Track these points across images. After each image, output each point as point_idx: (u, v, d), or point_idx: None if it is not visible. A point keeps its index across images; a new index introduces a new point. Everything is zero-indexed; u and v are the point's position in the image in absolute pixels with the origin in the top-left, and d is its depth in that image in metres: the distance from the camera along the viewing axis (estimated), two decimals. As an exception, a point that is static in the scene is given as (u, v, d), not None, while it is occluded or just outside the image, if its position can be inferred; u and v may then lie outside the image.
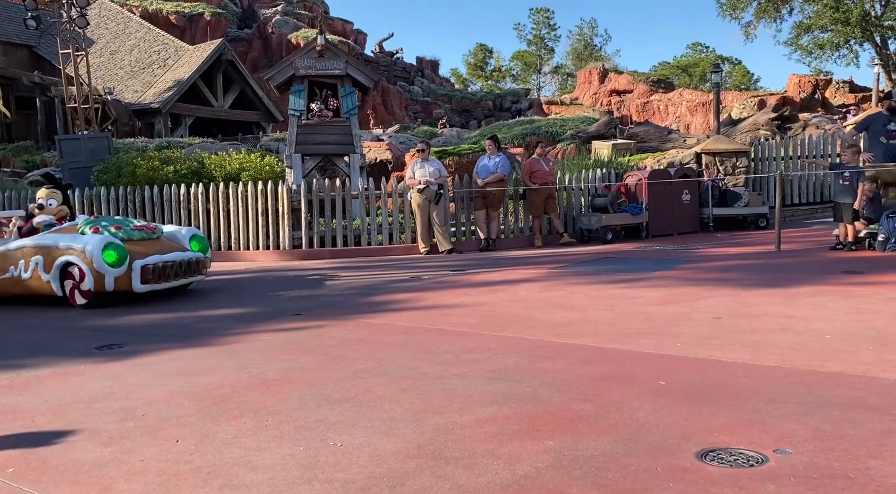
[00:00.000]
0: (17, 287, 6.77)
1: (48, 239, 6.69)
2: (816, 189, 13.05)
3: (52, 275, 6.51)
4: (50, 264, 6.50)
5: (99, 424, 3.16)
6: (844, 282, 6.09)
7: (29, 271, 6.61)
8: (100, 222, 6.82)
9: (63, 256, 6.43)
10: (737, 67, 60.46)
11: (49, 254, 6.53)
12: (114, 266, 6.29)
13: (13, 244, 6.85)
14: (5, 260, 6.81)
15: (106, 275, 6.28)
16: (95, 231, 6.55)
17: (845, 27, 25.70)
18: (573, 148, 16.85)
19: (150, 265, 6.51)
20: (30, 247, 6.69)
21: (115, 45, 28.52)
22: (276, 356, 4.43)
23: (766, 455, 2.45)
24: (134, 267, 6.41)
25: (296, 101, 11.90)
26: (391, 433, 2.86)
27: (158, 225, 7.46)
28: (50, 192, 7.59)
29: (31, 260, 6.61)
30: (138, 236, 6.82)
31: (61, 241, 6.55)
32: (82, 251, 6.32)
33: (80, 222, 6.93)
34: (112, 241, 6.40)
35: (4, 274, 6.80)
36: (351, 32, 39.15)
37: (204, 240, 7.34)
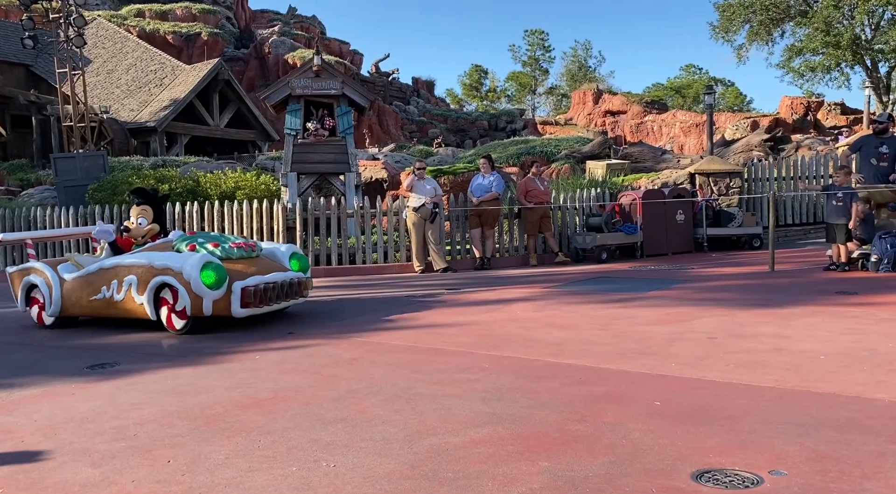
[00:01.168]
0: (108, 309, 6.19)
1: (142, 257, 6.04)
2: (809, 210, 13.13)
3: (147, 297, 5.86)
4: (144, 284, 5.89)
5: (90, 444, 3.12)
6: (838, 302, 6.10)
7: (122, 293, 6.01)
8: (196, 238, 6.21)
9: (158, 276, 5.81)
10: (730, 88, 61.10)
11: (143, 274, 5.92)
12: (212, 288, 5.64)
13: (107, 263, 6.26)
14: (97, 280, 6.24)
15: (204, 298, 5.63)
16: (192, 249, 5.99)
17: (836, 50, 26.03)
18: (568, 168, 16.94)
19: (250, 287, 5.81)
20: (123, 266, 6.10)
21: (112, 64, 28.65)
22: (269, 375, 4.40)
23: (761, 477, 2.44)
24: (234, 289, 5.73)
25: (292, 120, 11.96)
26: (385, 453, 2.84)
27: (258, 242, 6.76)
28: (140, 210, 6.95)
29: (123, 280, 6.01)
30: (237, 254, 6.16)
31: (156, 260, 5.90)
32: (179, 271, 5.68)
33: (174, 238, 6.36)
34: (211, 260, 5.75)
35: (96, 295, 6.20)
36: (347, 53, 39.48)
37: (305, 259, 6.70)
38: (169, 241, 6.38)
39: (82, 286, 6.31)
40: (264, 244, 6.79)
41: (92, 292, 6.23)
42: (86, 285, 6.29)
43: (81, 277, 6.36)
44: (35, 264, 6.75)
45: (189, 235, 6.32)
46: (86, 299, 6.27)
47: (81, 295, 6.30)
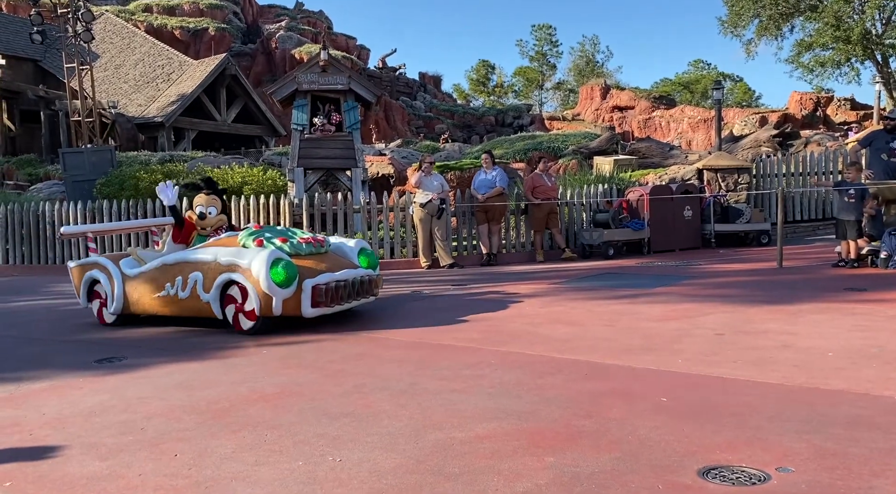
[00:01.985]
0: (172, 307, 5.88)
1: (208, 253, 5.71)
2: (818, 206, 13.05)
3: (213, 295, 5.56)
4: (210, 282, 5.57)
5: (97, 437, 3.14)
6: (847, 299, 6.07)
7: (187, 290, 5.69)
8: (263, 233, 5.83)
9: (225, 273, 5.49)
10: (738, 84, 60.74)
11: (209, 271, 5.59)
12: (282, 286, 5.28)
13: (171, 258, 5.92)
14: (161, 276, 5.91)
15: (274, 297, 5.29)
16: (259, 244, 5.62)
17: (846, 45, 25.82)
18: (575, 163, 16.89)
19: (321, 286, 5.45)
20: (188, 262, 5.76)
21: (120, 59, 28.72)
22: (276, 370, 4.42)
23: (768, 473, 2.43)
24: (304, 288, 5.38)
25: (299, 115, 11.96)
26: (391, 448, 2.84)
27: (326, 237, 6.41)
28: (210, 199, 6.50)
29: (188, 277, 5.68)
30: (306, 249, 5.80)
31: (223, 256, 5.56)
32: (247, 268, 5.35)
33: (241, 232, 5.96)
34: (280, 256, 5.39)
35: (160, 292, 5.88)
36: (354, 48, 39.44)
37: (374, 255, 6.33)
38: (234, 235, 6.04)
39: (145, 283, 6.02)
40: (332, 239, 6.45)
41: (155, 289, 5.93)
42: (149, 282, 6.00)
43: (144, 273, 6.07)
44: (97, 259, 6.45)
45: (255, 229, 5.95)
46: (149, 296, 5.99)
47: (144, 292, 6.02)
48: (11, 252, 12.54)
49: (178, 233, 6.51)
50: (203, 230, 6.46)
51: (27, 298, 8.80)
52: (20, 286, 10.12)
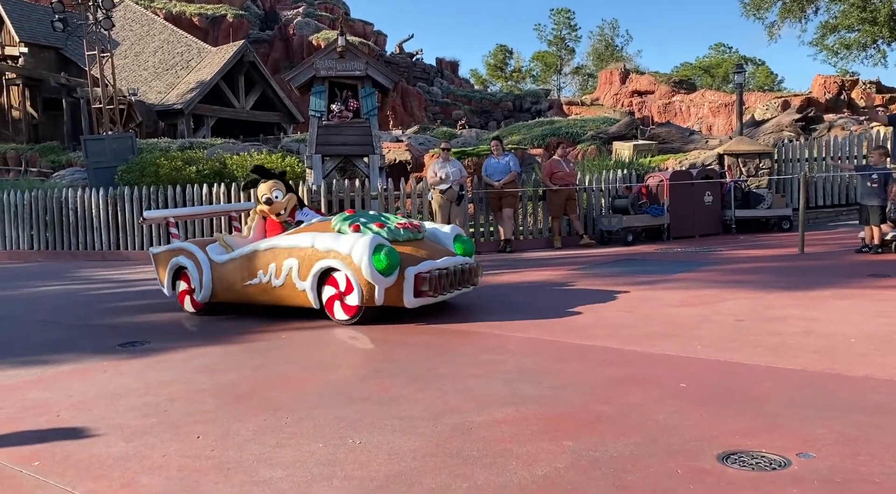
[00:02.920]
0: (264, 296, 5.59)
1: (304, 239, 5.37)
2: (841, 191, 12.85)
3: (309, 283, 5.24)
4: (306, 269, 5.25)
5: (122, 419, 3.20)
6: (870, 285, 5.98)
7: (281, 278, 5.38)
8: (357, 218, 5.51)
9: (322, 260, 5.17)
10: (760, 67, 59.73)
11: (305, 258, 5.28)
12: (384, 274, 4.96)
13: (263, 245, 5.62)
14: (252, 263, 5.61)
15: (377, 285, 4.97)
16: (356, 229, 5.31)
17: (873, 27, 25.24)
18: (594, 149, 16.76)
19: (423, 274, 5.09)
20: (282, 248, 5.44)
21: (140, 46, 28.91)
22: (296, 354, 4.46)
23: (788, 459, 2.42)
24: (406, 276, 5.05)
25: (316, 102, 11.97)
26: (410, 431, 2.86)
27: (422, 222, 6.02)
28: (273, 184, 6.15)
29: (283, 264, 5.37)
30: (404, 235, 5.46)
31: (319, 242, 5.25)
32: (347, 255, 5.04)
33: (334, 218, 5.64)
34: (382, 243, 5.08)
35: (252, 280, 5.58)
36: (371, 34, 39.33)
37: (470, 242, 5.94)
38: (327, 219, 5.77)
39: (235, 270, 5.72)
40: (427, 225, 6.09)
41: (246, 277, 5.63)
42: (239, 269, 5.69)
43: (234, 259, 5.76)
44: (184, 245, 6.17)
45: (349, 213, 5.65)
46: (239, 284, 5.69)
47: (234, 280, 5.72)
48: (36, 238, 12.74)
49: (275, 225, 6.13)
50: (279, 216, 6.11)
51: (52, 283, 8.95)
52: (45, 272, 10.29)
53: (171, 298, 6.25)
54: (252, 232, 6.25)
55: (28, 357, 4.59)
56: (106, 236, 12.20)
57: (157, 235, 11.80)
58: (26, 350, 4.84)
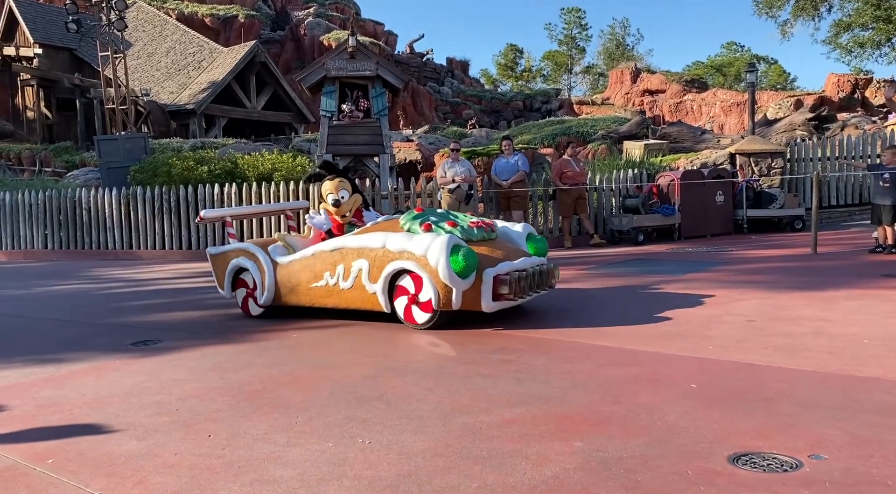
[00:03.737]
0: (330, 298, 5.34)
1: (374, 239, 5.11)
2: (855, 191, 12.74)
3: (380, 286, 4.99)
4: (377, 271, 5.01)
5: (134, 418, 3.23)
6: (883, 286, 5.93)
7: (349, 280, 5.15)
8: (427, 216, 5.26)
9: (395, 261, 4.92)
10: (772, 66, 59.29)
11: (376, 259, 5.03)
12: (462, 276, 4.69)
13: (328, 245, 5.37)
14: (318, 264, 5.36)
15: (454, 288, 4.71)
16: (427, 228, 5.05)
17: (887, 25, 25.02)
18: (604, 148, 16.71)
19: (502, 276, 4.82)
20: (351, 249, 5.19)
21: (152, 47, 29.09)
22: (307, 353, 4.48)
23: (800, 461, 2.40)
24: (484, 278, 4.78)
25: (327, 102, 12.02)
26: (419, 431, 2.87)
27: (494, 221, 5.71)
28: (339, 183, 5.91)
29: (352, 265, 5.14)
30: (478, 235, 5.18)
31: (391, 242, 4.99)
32: (423, 256, 4.79)
33: (402, 217, 5.37)
34: (459, 243, 4.81)
35: (317, 282, 5.36)
36: (382, 34, 39.37)
37: (543, 241, 5.60)
38: (394, 218, 5.53)
39: (300, 272, 5.48)
40: (498, 223, 5.79)
41: (312, 279, 5.39)
42: (304, 271, 5.45)
43: (298, 260, 5.52)
44: (244, 246, 5.93)
45: (417, 212, 5.38)
46: (304, 286, 5.45)
47: (299, 282, 5.48)
48: (50, 237, 12.86)
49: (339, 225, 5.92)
50: (344, 218, 5.90)
51: (65, 282, 9.03)
52: (58, 271, 10.39)
53: (230, 300, 6.07)
54: (311, 232, 6.00)
55: (42, 356, 4.64)
56: (119, 235, 12.29)
57: (171, 235, 11.87)
58: (40, 349, 4.89)
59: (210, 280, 6.77)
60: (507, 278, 4.81)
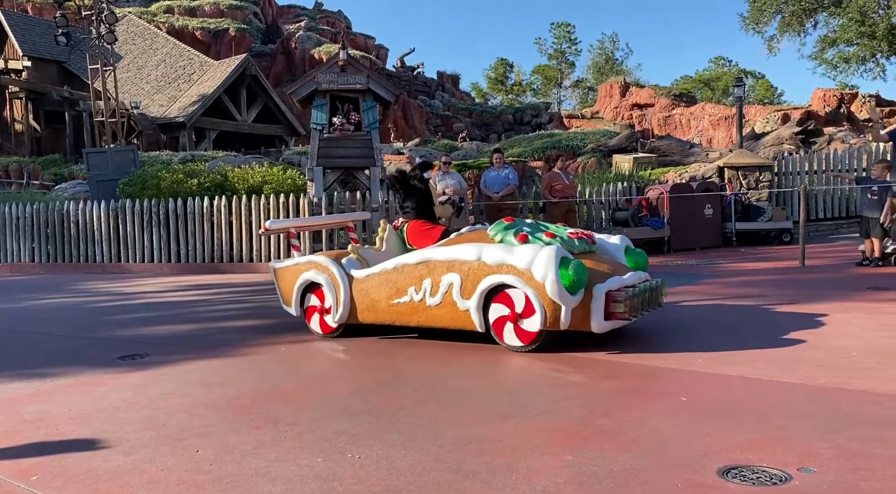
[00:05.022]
0: (415, 315, 4.87)
1: (467, 251, 4.65)
2: (842, 204, 12.86)
3: (474, 302, 4.53)
4: (471, 286, 4.55)
5: (120, 433, 3.19)
6: (871, 298, 5.97)
7: (437, 296, 4.69)
8: (520, 227, 4.81)
9: (493, 275, 4.47)
10: (760, 80, 59.95)
11: (470, 273, 4.58)
12: (572, 292, 4.25)
13: (412, 258, 4.90)
14: (401, 278, 4.90)
15: (563, 306, 4.25)
16: (522, 239, 4.62)
17: (871, 41, 25.38)
18: (594, 162, 16.81)
19: (615, 292, 4.36)
20: (439, 261, 4.73)
21: (142, 60, 29.09)
22: (296, 367, 4.45)
23: (789, 474, 2.41)
24: (595, 294, 4.31)
25: (318, 115, 12.03)
26: (410, 445, 2.85)
27: (592, 233, 5.17)
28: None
29: (441, 280, 4.69)
30: (579, 247, 4.72)
31: (488, 254, 4.54)
32: (526, 270, 4.34)
33: (491, 228, 4.93)
34: (566, 255, 4.37)
35: (399, 298, 4.90)
36: (373, 47, 39.55)
37: (643, 254, 5.14)
38: (480, 229, 5.15)
39: (379, 287, 5.02)
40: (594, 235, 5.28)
41: (393, 295, 4.93)
42: (385, 286, 4.99)
43: (378, 274, 5.06)
44: (316, 259, 5.44)
45: (507, 222, 4.93)
46: (385, 302, 5.00)
47: (378, 298, 5.03)
48: (37, 251, 12.76)
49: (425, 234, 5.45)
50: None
51: (53, 295, 8.95)
52: (46, 284, 10.29)
53: (299, 318, 5.58)
54: (384, 244, 5.58)
55: (28, 370, 4.58)
56: (107, 248, 12.21)
57: (160, 248, 11.80)
58: (26, 363, 4.84)
59: (200, 294, 6.76)
60: (621, 295, 4.34)
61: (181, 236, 11.70)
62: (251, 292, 8.55)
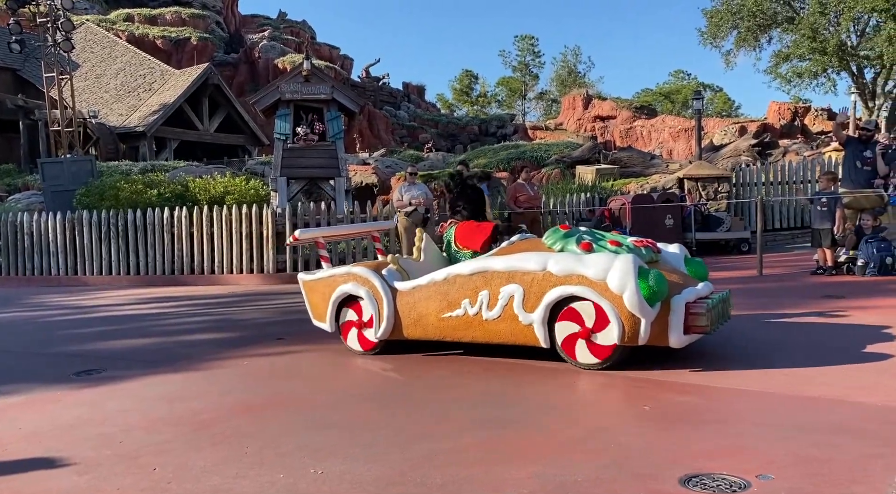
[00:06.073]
0: (469, 330, 4.52)
1: (530, 261, 4.31)
2: (797, 214, 13.23)
3: (538, 316, 4.20)
4: (535, 298, 4.23)
5: (75, 452, 3.09)
6: (825, 306, 6.14)
7: (496, 309, 4.36)
8: (581, 235, 4.51)
9: (560, 287, 4.14)
10: (718, 94, 61.49)
11: (534, 284, 4.25)
12: (651, 304, 3.96)
13: (465, 268, 4.55)
14: (452, 290, 4.55)
15: (643, 319, 3.95)
16: (586, 248, 4.32)
17: (823, 56, 26.27)
18: (558, 173, 17.00)
19: (694, 304, 4.09)
20: (497, 272, 4.39)
21: (101, 68, 28.52)
22: (259, 381, 4.38)
23: (748, 481, 2.44)
24: (673, 307, 4.02)
25: (281, 125, 11.94)
26: (374, 459, 2.82)
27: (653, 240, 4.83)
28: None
29: (500, 292, 4.35)
30: (646, 255, 4.41)
31: (554, 264, 4.20)
32: (601, 281, 4.02)
33: (548, 235, 4.62)
34: (643, 264, 4.11)
35: (451, 311, 4.54)
36: (338, 57, 39.47)
37: (702, 264, 4.78)
38: (529, 238, 4.83)
39: (428, 299, 4.66)
40: None
41: (444, 308, 4.58)
42: (434, 298, 4.64)
43: (425, 286, 4.69)
44: (355, 270, 5.03)
45: (563, 229, 4.62)
46: (434, 316, 4.64)
47: (427, 311, 4.67)
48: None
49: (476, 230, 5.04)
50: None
51: (5, 310, 8.66)
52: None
53: (333, 332, 5.18)
54: (422, 254, 5.25)
55: (-23, 388, 4.41)
56: (63, 260, 11.88)
57: (119, 260, 11.52)
58: (-25, 381, 4.66)
59: (160, 306, 6.63)
60: (702, 308, 4.06)
61: (140, 247, 11.46)
62: (213, 304, 8.41)
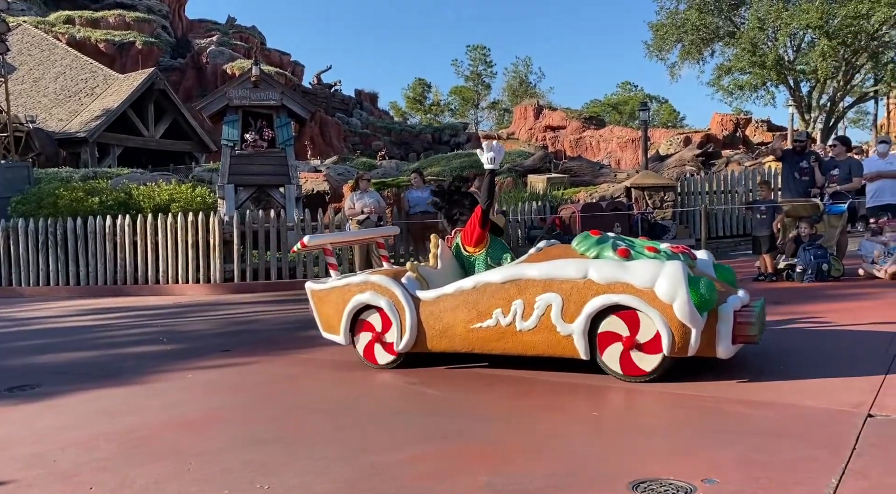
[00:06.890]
0: (501, 342, 4.26)
1: (569, 268, 4.07)
2: (739, 222, 13.66)
3: (579, 326, 3.97)
4: (575, 308, 3.99)
5: (4, 472, 2.93)
6: (768, 312, 6.31)
7: (531, 319, 4.12)
8: (614, 240, 4.30)
9: (603, 295, 3.91)
10: (664, 105, 63.22)
11: (574, 292, 4.01)
12: (701, 313, 3.79)
13: (496, 276, 4.28)
14: (482, 300, 4.29)
15: (693, 329, 3.76)
16: (624, 254, 4.10)
17: (762, 70, 27.30)
18: (510, 181, 17.15)
19: (741, 312, 3.94)
20: (532, 280, 4.14)
21: (39, 72, 27.54)
22: (203, 394, 4.26)
23: (694, 485, 2.48)
24: (721, 315, 3.85)
25: (229, 131, 11.71)
26: (323, 472, 2.76)
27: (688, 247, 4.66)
28: None
29: (535, 301, 4.11)
30: (685, 262, 4.15)
31: (596, 271, 3.97)
32: (648, 289, 3.81)
33: (577, 240, 4.36)
34: (691, 272, 3.94)
35: (483, 321, 4.27)
36: (288, 64, 39.06)
37: (731, 270, 4.60)
38: (555, 244, 4.61)
39: (454, 309, 4.40)
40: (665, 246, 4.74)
41: (474, 318, 4.32)
42: (462, 308, 4.38)
43: (451, 295, 4.43)
44: (373, 279, 4.71)
45: (593, 235, 4.38)
46: (462, 327, 4.37)
47: (454, 322, 4.40)
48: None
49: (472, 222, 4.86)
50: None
51: (-68, 323, 8.22)
52: (-76, 311, 9.45)
53: (348, 345, 4.86)
54: (438, 261, 4.98)
55: None
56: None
57: (57, 270, 11.08)
58: None
59: (101, 318, 6.39)
60: (751, 316, 3.91)
61: (81, 257, 11.05)
62: (157, 315, 8.16)
